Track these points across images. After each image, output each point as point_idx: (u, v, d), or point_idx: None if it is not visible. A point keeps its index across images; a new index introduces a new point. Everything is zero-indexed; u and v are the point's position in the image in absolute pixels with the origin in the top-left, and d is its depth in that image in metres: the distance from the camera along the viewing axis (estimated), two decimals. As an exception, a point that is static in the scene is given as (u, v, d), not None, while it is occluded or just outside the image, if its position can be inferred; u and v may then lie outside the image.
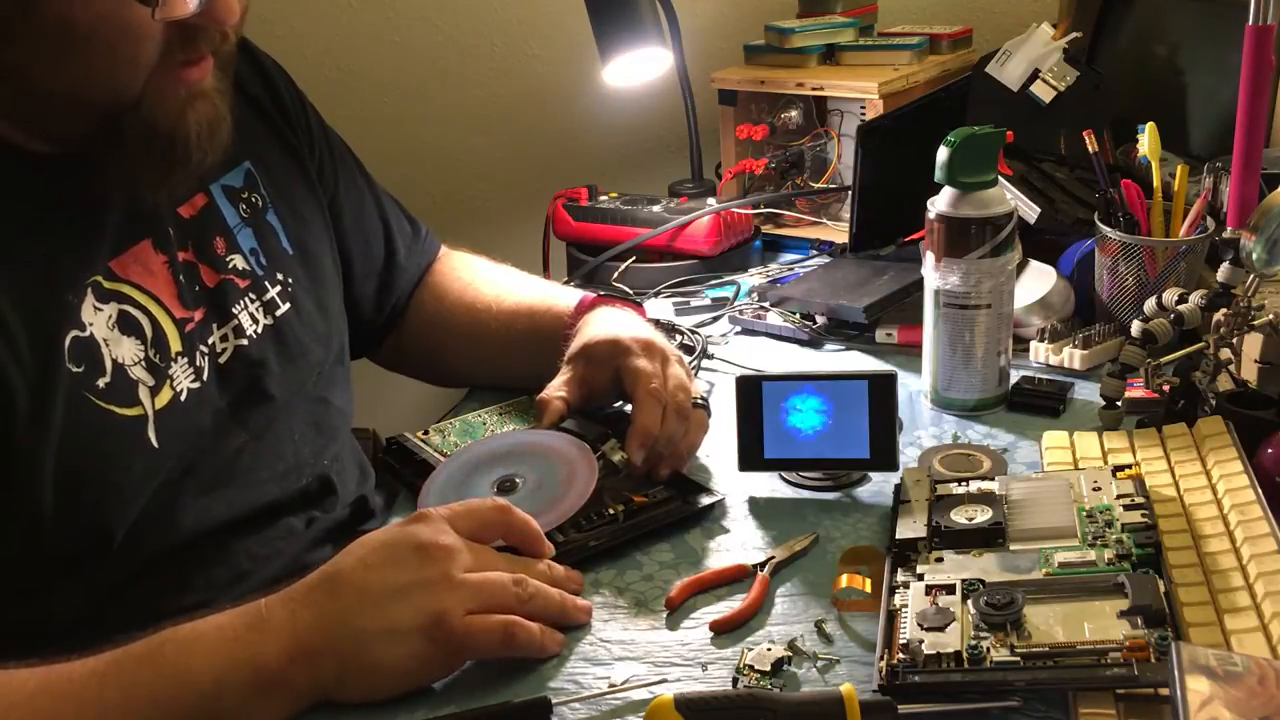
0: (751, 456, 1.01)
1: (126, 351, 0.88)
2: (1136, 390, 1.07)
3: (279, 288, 1.02)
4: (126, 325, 0.88)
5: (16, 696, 0.72)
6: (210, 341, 0.95)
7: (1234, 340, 1.02)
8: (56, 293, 0.84)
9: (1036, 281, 1.23)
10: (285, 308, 1.02)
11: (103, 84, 0.82)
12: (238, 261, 0.99)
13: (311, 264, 1.07)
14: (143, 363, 0.89)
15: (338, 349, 1.08)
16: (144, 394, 0.88)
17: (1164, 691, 0.69)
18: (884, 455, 0.98)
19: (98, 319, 0.86)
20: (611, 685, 0.79)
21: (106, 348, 0.86)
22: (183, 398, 0.91)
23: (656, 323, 1.28)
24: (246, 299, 0.99)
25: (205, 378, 0.93)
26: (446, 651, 0.78)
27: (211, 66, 0.87)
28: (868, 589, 0.84)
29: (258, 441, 0.96)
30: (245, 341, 0.98)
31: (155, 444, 0.88)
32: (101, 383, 0.85)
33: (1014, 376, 1.15)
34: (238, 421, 0.95)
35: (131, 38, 0.80)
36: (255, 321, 0.99)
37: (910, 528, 0.88)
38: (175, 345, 0.91)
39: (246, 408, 0.96)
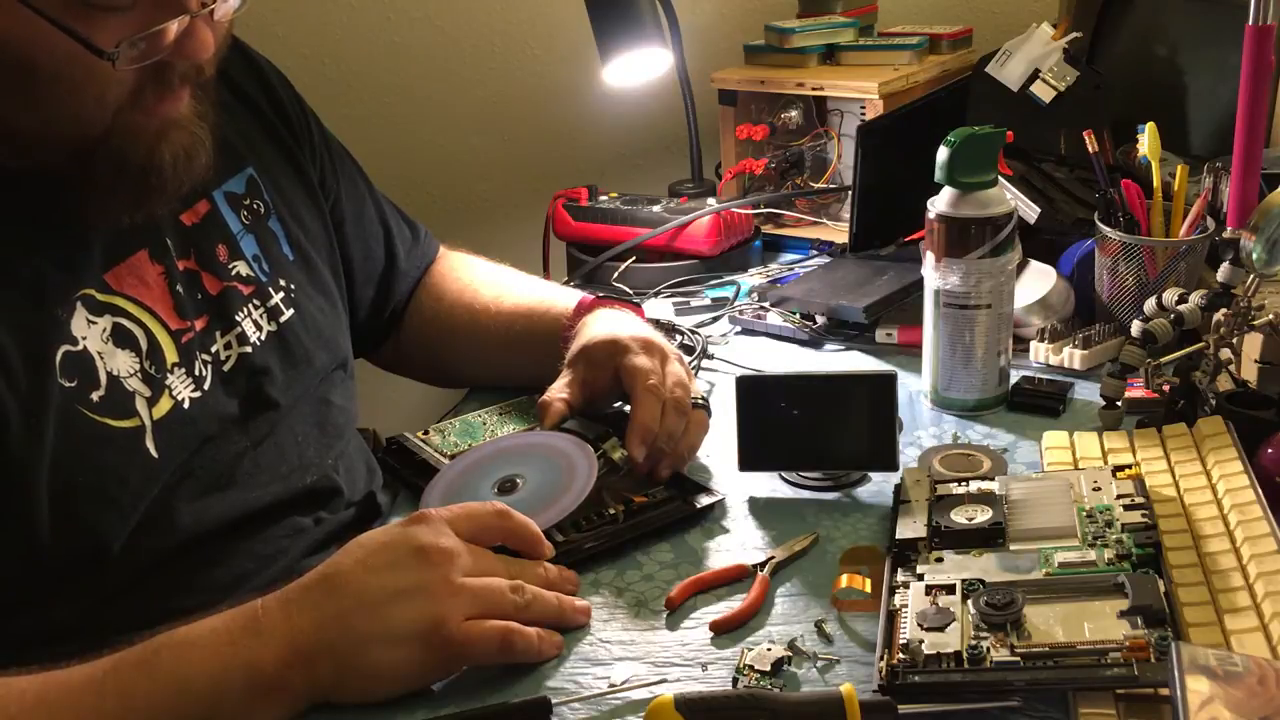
0: (751, 456, 1.01)
1: (122, 364, 0.87)
2: (1136, 390, 1.07)
3: (282, 294, 1.02)
4: (121, 338, 0.88)
5: (14, 708, 0.71)
6: (213, 349, 0.95)
7: (1234, 340, 1.02)
8: (45, 308, 0.84)
9: (1036, 281, 1.23)
10: (289, 314, 1.02)
11: (70, 120, 0.81)
12: (241, 268, 0.99)
13: (313, 269, 1.07)
14: (138, 374, 0.88)
15: (342, 354, 1.08)
16: (141, 405, 0.88)
17: (1164, 691, 0.69)
18: (884, 455, 0.98)
19: (91, 332, 0.86)
20: (611, 685, 0.79)
21: (100, 361, 0.86)
22: (185, 406, 0.90)
23: (656, 323, 1.29)
24: (250, 306, 0.98)
25: (207, 386, 0.93)
26: (444, 657, 0.78)
27: (187, 96, 0.85)
28: (868, 589, 0.84)
29: (258, 446, 0.96)
30: (249, 349, 0.97)
31: (154, 454, 0.87)
32: (95, 396, 0.85)
33: (1014, 376, 1.15)
34: (240, 429, 0.95)
35: (97, 80, 0.79)
36: (259, 328, 0.99)
37: (910, 528, 0.88)
38: (171, 357, 0.91)
39: (249, 415, 0.96)
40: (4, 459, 0.80)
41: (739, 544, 0.95)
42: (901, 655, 0.74)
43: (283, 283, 1.02)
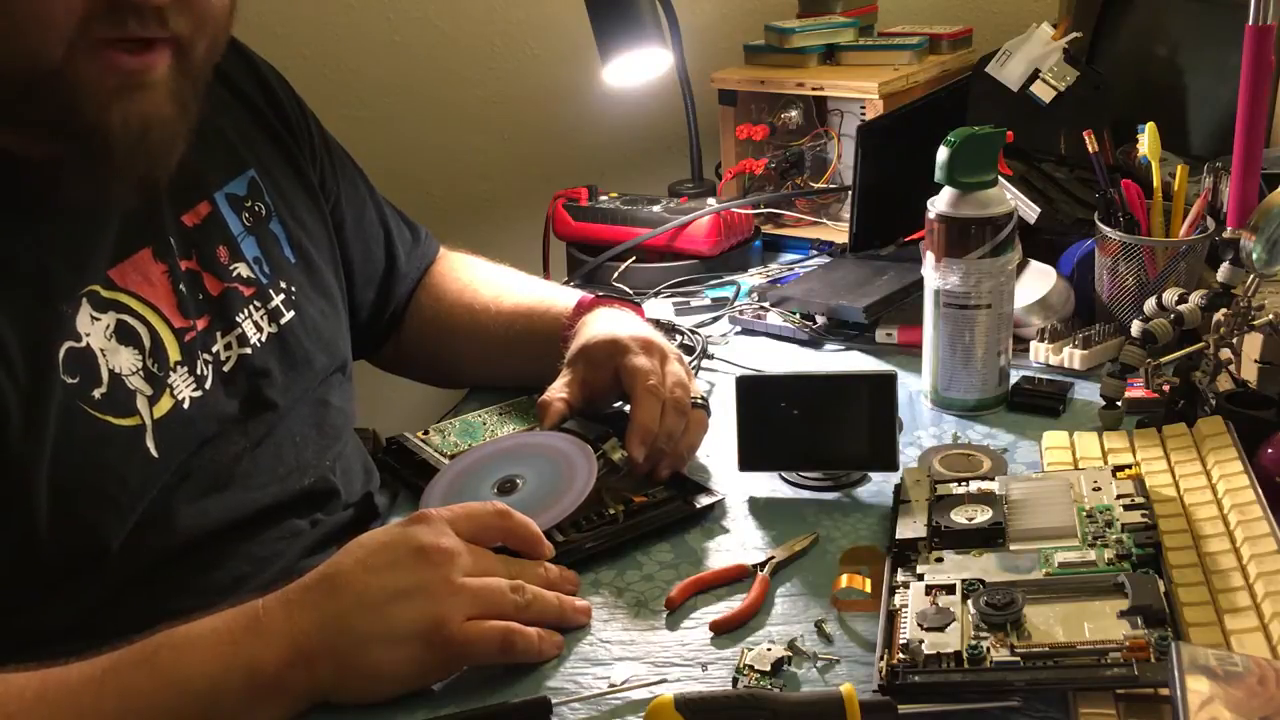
0: (751, 456, 1.01)
1: (124, 361, 0.87)
2: (1136, 390, 1.07)
3: (283, 296, 1.02)
4: (124, 335, 0.88)
5: (13, 706, 0.71)
6: (214, 350, 0.95)
7: (1234, 340, 1.02)
8: (50, 304, 0.83)
9: (1036, 281, 1.23)
10: (289, 315, 1.02)
11: (14, 47, 0.77)
12: (242, 270, 0.99)
13: (314, 271, 1.07)
14: (140, 372, 0.88)
15: (341, 357, 1.08)
16: (142, 404, 0.87)
17: (1164, 691, 0.69)
18: (884, 455, 0.98)
19: (94, 329, 0.86)
20: (611, 685, 0.79)
21: (103, 357, 0.86)
22: (185, 406, 0.90)
23: (656, 323, 1.28)
24: (250, 307, 0.98)
25: (208, 386, 0.93)
26: (444, 657, 0.78)
27: (166, 60, 0.82)
28: (868, 589, 0.84)
29: (257, 447, 0.96)
30: (249, 350, 0.97)
31: (154, 453, 0.87)
32: (97, 393, 0.85)
33: (1014, 376, 1.15)
34: (239, 429, 0.95)
35: None
36: (259, 330, 0.98)
37: (910, 528, 0.88)
38: (174, 355, 0.91)
39: (248, 415, 0.96)
40: (4, 455, 0.80)
41: (739, 544, 0.95)
42: (901, 655, 0.74)
43: (284, 285, 1.02)
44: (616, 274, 1.49)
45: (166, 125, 0.84)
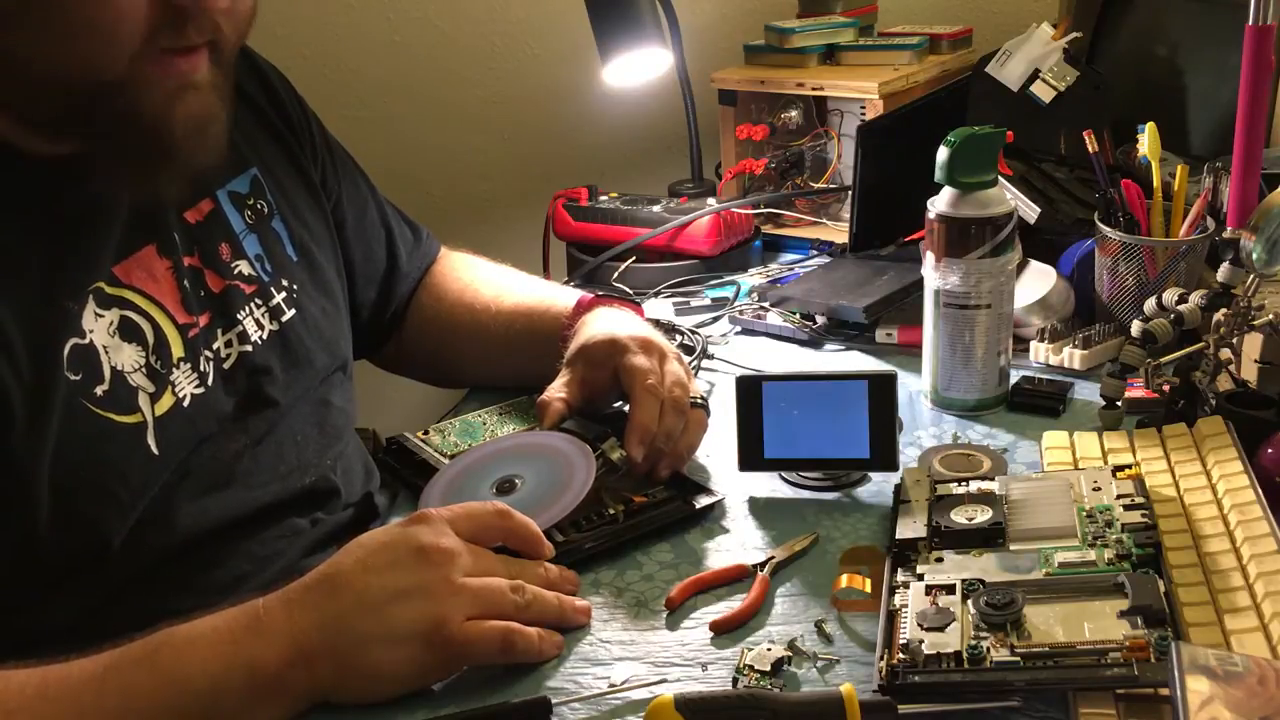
0: (751, 456, 1.01)
1: (126, 358, 0.87)
2: (1136, 390, 1.07)
3: (284, 294, 1.02)
4: (128, 331, 0.88)
5: (14, 703, 0.71)
6: (215, 347, 0.95)
7: (1234, 340, 1.02)
8: (57, 301, 0.84)
9: (1036, 281, 1.24)
10: (291, 314, 1.02)
11: (81, 61, 0.78)
12: (243, 267, 0.99)
13: (316, 270, 1.07)
14: (143, 369, 0.88)
15: (342, 356, 1.08)
16: (144, 401, 0.87)
17: (1164, 691, 0.69)
18: (884, 455, 0.98)
19: (98, 325, 0.86)
20: (611, 685, 0.79)
21: (106, 355, 0.86)
22: (185, 404, 0.90)
23: (656, 323, 1.29)
24: (252, 304, 0.99)
25: (210, 383, 0.93)
26: (445, 658, 0.78)
27: (206, 60, 0.84)
28: (868, 589, 0.84)
29: (257, 445, 0.96)
30: (250, 348, 0.97)
31: (155, 451, 0.87)
32: (99, 390, 0.85)
33: (1014, 376, 1.15)
34: (240, 427, 0.95)
35: (109, 10, 0.77)
36: (260, 328, 0.99)
37: (910, 528, 0.88)
38: (178, 351, 0.91)
39: (249, 413, 0.96)
40: (7, 453, 0.80)
41: (739, 544, 0.95)
42: (901, 655, 0.74)
43: (285, 283, 1.02)
44: (616, 274, 1.49)
45: (218, 120, 0.87)
